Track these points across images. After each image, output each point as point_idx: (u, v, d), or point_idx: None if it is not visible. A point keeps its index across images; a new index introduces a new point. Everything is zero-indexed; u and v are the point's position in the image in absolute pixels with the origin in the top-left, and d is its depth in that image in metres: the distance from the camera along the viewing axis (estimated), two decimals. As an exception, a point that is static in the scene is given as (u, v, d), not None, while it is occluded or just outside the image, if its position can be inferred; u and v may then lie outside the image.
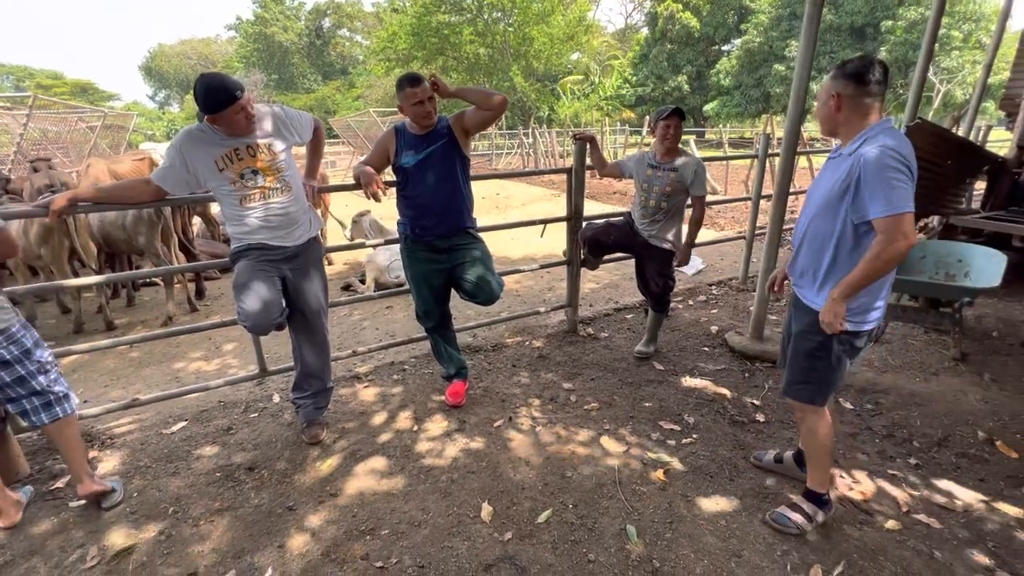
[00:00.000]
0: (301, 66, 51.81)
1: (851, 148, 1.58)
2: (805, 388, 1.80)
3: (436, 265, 2.53)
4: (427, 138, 2.38)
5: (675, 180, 2.84)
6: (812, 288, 1.75)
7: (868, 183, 1.47)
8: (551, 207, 9.71)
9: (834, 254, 1.65)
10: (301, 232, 2.24)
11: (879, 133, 1.52)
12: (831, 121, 1.63)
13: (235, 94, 1.89)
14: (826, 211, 1.64)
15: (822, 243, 1.68)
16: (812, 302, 1.73)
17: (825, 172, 1.70)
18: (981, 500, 2.04)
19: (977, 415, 2.57)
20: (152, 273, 2.75)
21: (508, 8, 28.16)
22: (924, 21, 22.26)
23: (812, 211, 1.71)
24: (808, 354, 1.76)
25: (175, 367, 3.41)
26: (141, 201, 2.17)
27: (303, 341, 2.37)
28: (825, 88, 1.61)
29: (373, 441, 2.43)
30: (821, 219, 1.66)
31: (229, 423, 2.62)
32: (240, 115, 1.93)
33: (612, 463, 2.25)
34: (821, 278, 1.70)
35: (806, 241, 1.75)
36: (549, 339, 3.57)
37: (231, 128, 1.97)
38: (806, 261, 1.76)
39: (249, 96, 1.96)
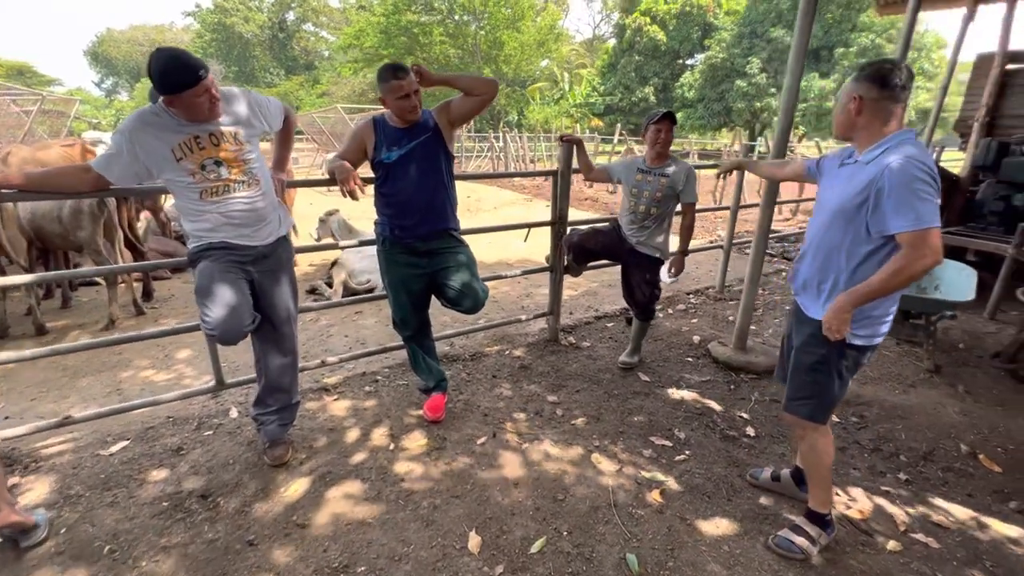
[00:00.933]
0: (263, 59, 49.99)
1: (869, 156, 1.51)
2: (806, 404, 1.72)
3: (416, 269, 2.35)
4: (410, 132, 2.20)
5: (666, 186, 2.76)
6: (816, 300, 1.67)
7: (893, 195, 1.39)
8: (523, 211, 9.61)
9: (844, 266, 1.58)
10: (270, 230, 2.01)
11: (902, 142, 1.46)
12: (849, 125, 1.56)
13: (198, 74, 1.65)
14: (839, 221, 1.56)
15: (830, 254, 1.60)
16: (815, 314, 1.66)
17: (837, 180, 1.63)
18: (972, 517, 2.03)
19: (958, 428, 2.59)
20: (94, 272, 2.41)
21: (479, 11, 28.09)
22: (874, 47, 23.63)
23: (823, 220, 1.63)
24: (810, 368, 1.69)
25: (118, 377, 3.06)
26: (78, 191, 1.89)
27: (269, 351, 2.13)
28: (846, 90, 1.55)
29: (345, 462, 2.21)
30: (832, 229, 1.59)
31: (179, 442, 2.34)
32: (203, 98, 1.70)
33: (606, 483, 2.12)
34: (828, 290, 1.63)
35: (812, 251, 1.68)
36: (530, 348, 3.42)
37: (191, 113, 1.73)
38: (811, 272, 1.68)
39: (213, 78, 1.73)
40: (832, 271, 1.60)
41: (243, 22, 48.09)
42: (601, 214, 9.16)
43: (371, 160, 2.25)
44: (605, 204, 10.11)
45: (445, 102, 2.30)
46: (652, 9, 30.63)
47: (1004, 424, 2.62)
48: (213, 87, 1.73)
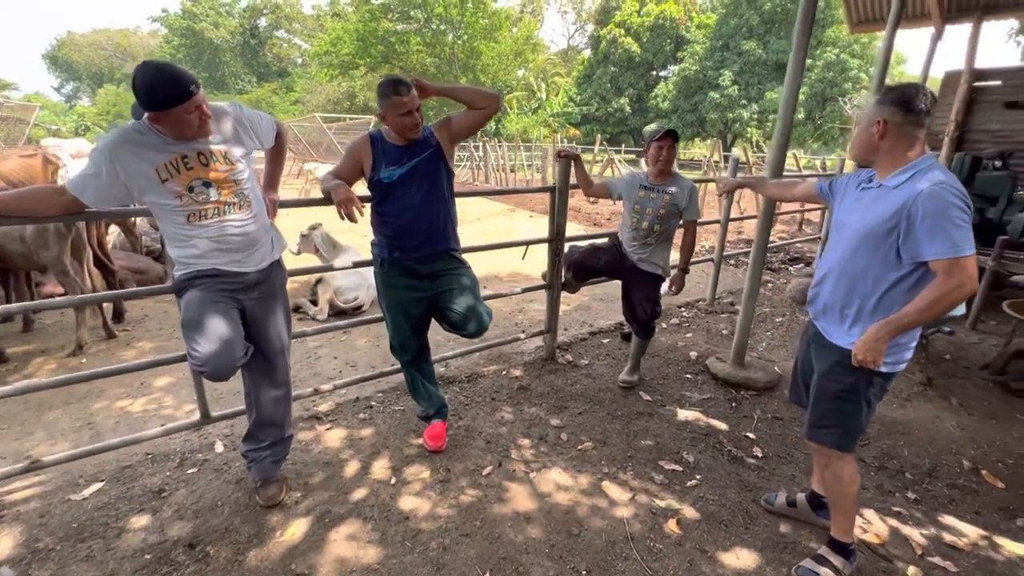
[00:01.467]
0: (234, 65, 48.94)
1: (896, 181, 1.48)
2: (833, 432, 1.68)
3: (417, 292, 2.24)
4: (410, 149, 2.10)
5: (669, 203, 2.73)
6: (840, 325, 1.64)
7: (927, 221, 1.37)
8: (507, 222, 9.55)
9: (870, 291, 1.54)
10: (263, 255, 1.88)
11: (930, 168, 1.44)
12: (871, 148, 1.54)
13: (189, 88, 1.53)
14: (866, 246, 1.53)
15: (855, 279, 1.57)
16: (840, 340, 1.62)
17: (860, 204, 1.59)
18: (983, 536, 2.02)
19: (958, 443, 2.61)
20: (61, 304, 2.17)
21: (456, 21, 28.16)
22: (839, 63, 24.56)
23: (847, 244, 1.59)
24: (836, 396, 1.65)
25: (89, 409, 2.84)
26: (48, 216, 1.73)
27: (261, 384, 1.99)
28: (869, 113, 1.52)
29: (345, 499, 2.08)
30: (857, 254, 1.56)
31: (160, 483, 2.16)
32: (193, 115, 1.57)
33: (620, 514, 2.04)
34: (852, 316, 1.60)
35: (834, 275, 1.64)
36: (527, 368, 3.34)
37: (179, 130, 1.60)
38: (833, 296, 1.64)
39: (204, 94, 1.61)
40: (857, 296, 1.57)
41: (213, 27, 47.06)
42: (586, 225, 9.17)
43: (368, 179, 2.15)
44: (588, 214, 10.14)
45: (446, 117, 2.22)
46: (626, 21, 31.27)
47: (1001, 438, 2.66)
48: (204, 103, 1.61)
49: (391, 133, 2.10)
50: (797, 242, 7.20)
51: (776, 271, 6.05)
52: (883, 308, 1.53)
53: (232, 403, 2.65)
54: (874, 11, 6.22)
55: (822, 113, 25.97)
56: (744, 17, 27.17)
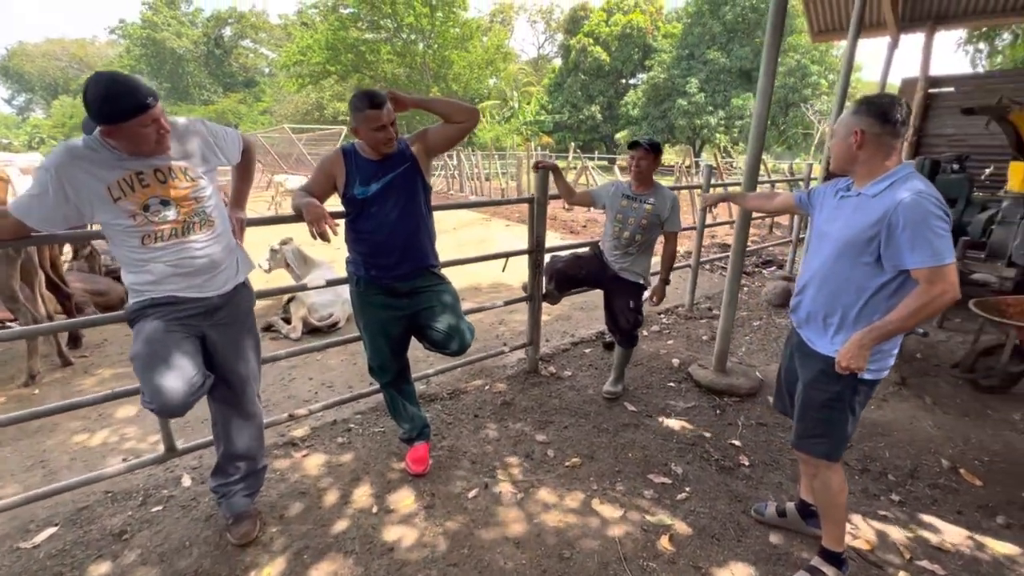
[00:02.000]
0: (198, 76, 47.78)
1: (875, 190, 1.49)
2: (821, 442, 1.67)
3: (396, 312, 2.16)
4: (384, 164, 2.03)
5: (651, 213, 2.72)
6: (823, 334, 1.63)
7: (908, 230, 1.37)
8: (483, 232, 9.50)
9: (854, 300, 1.54)
10: (226, 278, 1.77)
11: (908, 177, 1.45)
12: (850, 158, 1.54)
13: (145, 101, 1.43)
14: (846, 255, 1.53)
15: (838, 288, 1.57)
16: (824, 349, 1.62)
17: (840, 213, 1.60)
18: (967, 537, 2.05)
19: (936, 442, 2.66)
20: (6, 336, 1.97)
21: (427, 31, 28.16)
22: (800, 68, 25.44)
23: (827, 253, 1.59)
24: (822, 405, 1.65)
25: (43, 445, 2.64)
26: None
27: (229, 416, 1.87)
28: (846, 124, 1.52)
29: (325, 532, 1.97)
30: (839, 263, 1.56)
31: (121, 524, 2.01)
32: (149, 129, 1.47)
33: (611, 534, 1.99)
34: (836, 324, 1.59)
35: (816, 283, 1.64)
36: (510, 382, 3.27)
37: (135, 146, 1.50)
38: (816, 305, 1.64)
39: (162, 108, 1.51)
40: (840, 304, 1.57)
41: (175, 37, 45.92)
42: (562, 233, 9.19)
43: (342, 195, 2.06)
44: (564, 222, 10.18)
45: (422, 130, 2.15)
46: (595, 31, 31.82)
47: (975, 435, 2.72)
48: (162, 117, 1.51)
49: (365, 147, 2.02)
50: (769, 246, 7.35)
51: (750, 275, 6.15)
52: (866, 315, 1.53)
53: (201, 432, 2.51)
54: (834, 21, 6.45)
55: (785, 119, 26.87)
56: (708, 26, 27.98)
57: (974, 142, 5.60)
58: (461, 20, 29.01)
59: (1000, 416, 2.92)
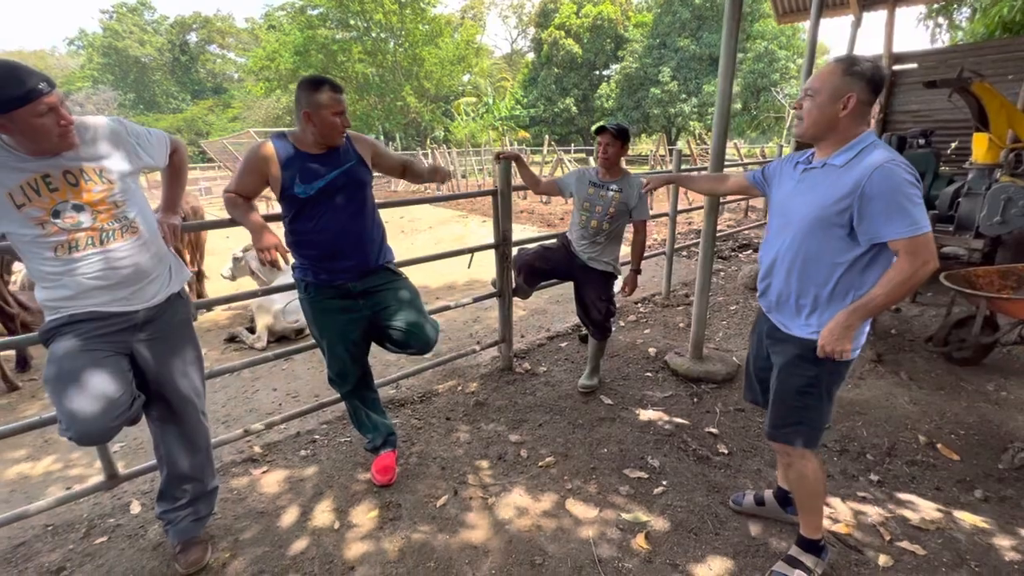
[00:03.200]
0: (164, 84, 46.55)
1: (841, 160, 1.39)
2: (798, 431, 1.58)
3: (352, 314, 2.04)
4: (328, 159, 1.89)
5: (619, 201, 2.63)
6: (796, 317, 1.54)
7: (883, 200, 1.29)
8: (460, 228, 9.37)
9: (826, 278, 1.45)
10: (156, 289, 1.63)
11: (874, 144, 1.37)
12: (829, 125, 1.40)
13: (37, 87, 1.30)
14: (817, 230, 1.43)
15: (808, 266, 1.47)
16: (799, 332, 1.53)
17: (803, 187, 1.49)
18: (945, 513, 2.01)
19: (912, 419, 2.64)
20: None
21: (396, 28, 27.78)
22: (768, 54, 25.71)
23: (794, 230, 1.49)
24: (799, 392, 1.55)
25: (-22, 478, 2.47)
26: None
27: (168, 437, 1.74)
28: (835, 86, 1.36)
29: (281, 555, 1.85)
30: (809, 239, 1.45)
31: (61, 559, 1.87)
32: (46, 119, 1.33)
33: (585, 534, 1.91)
34: (810, 305, 1.50)
35: (785, 264, 1.53)
36: (484, 381, 3.18)
37: (34, 140, 1.35)
38: (787, 286, 1.54)
39: (61, 96, 1.37)
40: (812, 283, 1.48)
41: (138, 45, 44.65)
42: (539, 226, 9.10)
43: (279, 194, 1.89)
44: (541, 216, 10.10)
45: (369, 141, 2.07)
46: (566, 24, 31.74)
47: (950, 408, 2.71)
48: (61, 106, 1.37)
49: (303, 139, 1.87)
50: (745, 229, 7.36)
51: (727, 259, 6.14)
52: (840, 293, 1.44)
53: (149, 455, 2.36)
54: (798, 2, 6.44)
55: (757, 103, 27.15)
56: (677, 14, 28.11)
57: (939, 117, 5.65)
58: (430, 16, 28.67)
59: (974, 388, 2.91)
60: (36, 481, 2.43)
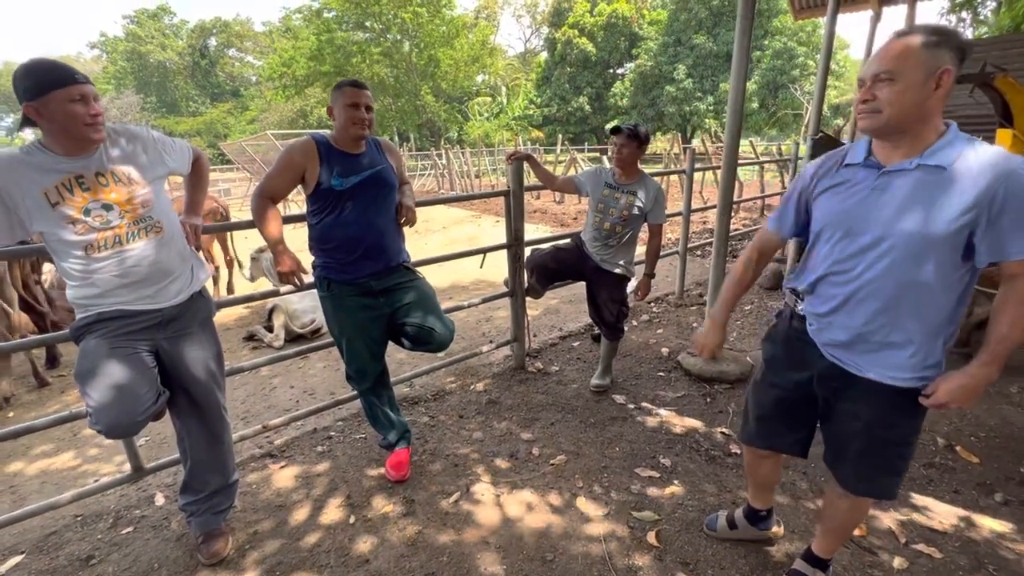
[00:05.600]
0: (185, 87, 47.55)
1: (946, 158, 1.11)
2: (896, 483, 1.38)
3: (373, 311, 2.09)
4: (362, 159, 1.98)
5: (633, 205, 2.62)
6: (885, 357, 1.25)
7: (1016, 211, 1.06)
8: (473, 229, 9.42)
9: (934, 309, 1.18)
10: (179, 287, 1.69)
11: (968, 137, 1.13)
12: (919, 111, 1.11)
13: (74, 75, 1.40)
14: (930, 252, 1.14)
15: (919, 297, 1.18)
16: (887, 376, 1.25)
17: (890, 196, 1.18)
18: (963, 516, 1.98)
19: (930, 419, 2.59)
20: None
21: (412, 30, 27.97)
22: (787, 51, 25.30)
23: (896, 253, 1.18)
24: (898, 443, 1.34)
25: (9, 471, 2.57)
26: None
27: (192, 431, 1.80)
28: (922, 62, 1.08)
29: (297, 547, 1.90)
30: (918, 263, 1.15)
31: (90, 548, 1.94)
32: (78, 106, 1.40)
33: (596, 532, 1.92)
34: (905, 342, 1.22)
35: (880, 296, 1.22)
36: (496, 379, 3.20)
37: (66, 128, 1.42)
38: (874, 322, 1.24)
39: (96, 93, 1.46)
40: (915, 318, 1.20)
41: (160, 49, 45.70)
42: (552, 226, 9.11)
43: (313, 187, 1.94)
44: (554, 215, 10.09)
45: (398, 156, 2.18)
46: (579, 22, 31.62)
47: (971, 411, 2.65)
48: (94, 99, 1.45)
49: (339, 140, 1.96)
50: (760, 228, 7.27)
51: (742, 259, 6.07)
52: (938, 325, 1.20)
53: (173, 449, 2.43)
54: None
55: (775, 101, 26.74)
56: (693, 11, 27.82)
57: (961, 112, 5.51)
58: (447, 18, 28.82)
59: (995, 390, 2.85)
60: (65, 473, 2.53)
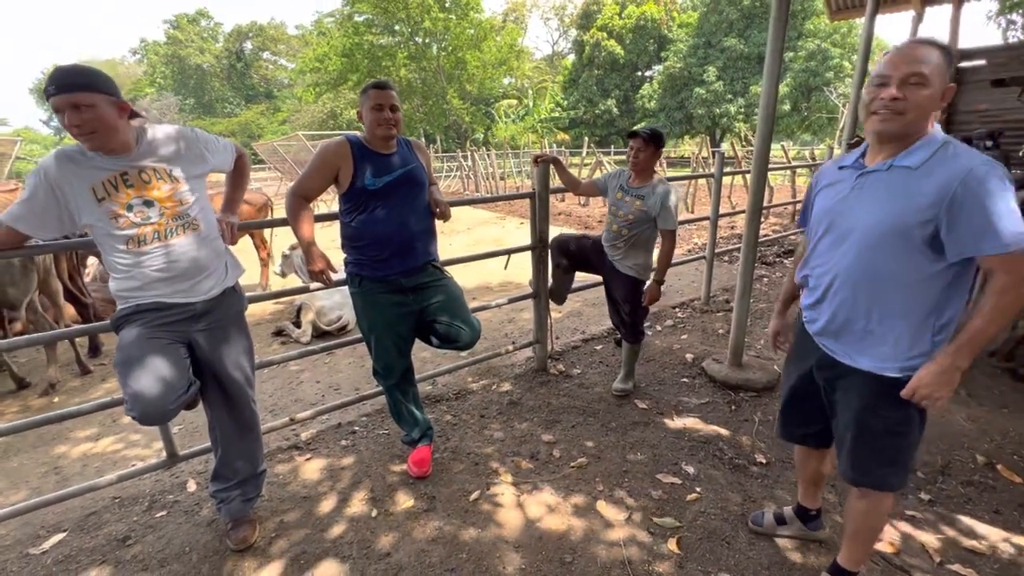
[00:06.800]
0: (221, 90, 49.14)
1: (915, 160, 1.22)
2: (892, 472, 1.40)
3: (403, 308, 2.13)
4: (394, 159, 2.03)
5: (639, 209, 2.61)
6: (867, 346, 1.34)
7: (981, 209, 1.12)
8: (497, 230, 9.46)
9: (905, 298, 1.26)
10: (213, 283, 1.75)
11: (949, 141, 1.21)
12: (926, 119, 1.22)
13: (60, 86, 1.41)
14: (893, 244, 1.24)
15: (881, 286, 1.28)
16: (871, 364, 1.33)
17: (865, 193, 1.30)
18: (1004, 538, 1.89)
19: (969, 437, 2.49)
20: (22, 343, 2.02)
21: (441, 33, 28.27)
22: (820, 52, 24.63)
23: (861, 244, 1.29)
24: (890, 432, 1.36)
25: (55, 453, 2.71)
26: None
27: (222, 421, 1.86)
28: (941, 72, 1.17)
29: (322, 537, 1.94)
30: (880, 254, 1.26)
31: (127, 529, 2.03)
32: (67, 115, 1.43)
33: (616, 537, 1.91)
34: (884, 332, 1.30)
35: (849, 285, 1.33)
36: (518, 380, 3.21)
37: (68, 126, 1.47)
38: (853, 311, 1.34)
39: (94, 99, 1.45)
40: (886, 306, 1.29)
41: (198, 53, 47.33)
42: (576, 228, 9.07)
43: (347, 186, 1.99)
44: (579, 218, 10.05)
45: (428, 157, 2.23)
46: (608, 24, 31.44)
47: (1014, 428, 2.54)
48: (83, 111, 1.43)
49: (371, 139, 2.01)
50: (791, 234, 7.10)
51: (771, 265, 5.94)
52: (920, 316, 1.26)
53: (206, 437, 2.52)
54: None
55: (808, 103, 26.05)
56: (724, 13, 27.35)
57: (1008, 117, 5.28)
58: (476, 22, 29.05)
59: (1042, 408, 2.72)
60: (105, 457, 2.65)
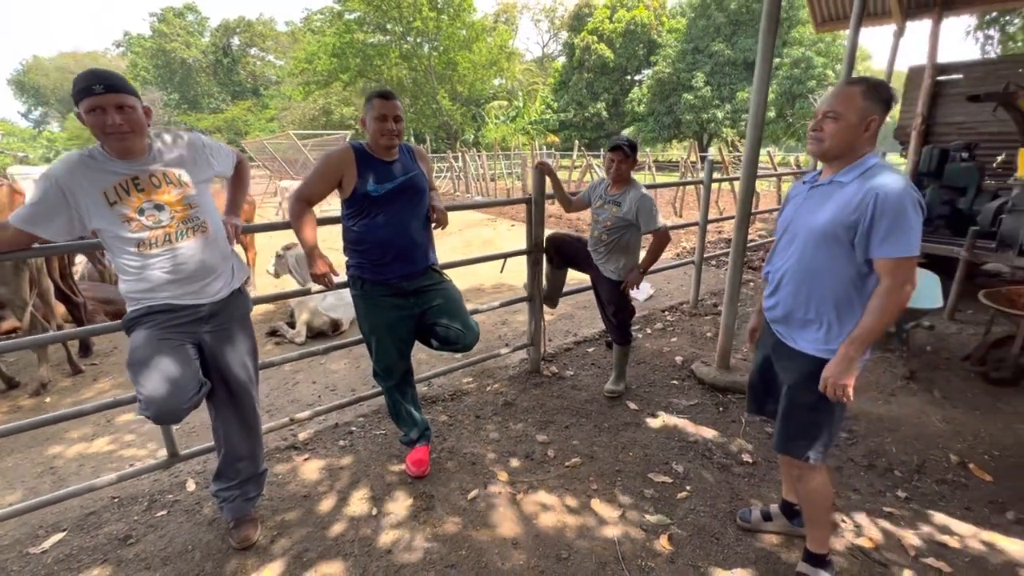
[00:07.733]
0: (207, 85, 48.44)
1: (848, 177, 1.45)
2: (810, 444, 1.59)
3: (404, 311, 2.18)
4: (396, 166, 2.09)
5: (615, 215, 2.71)
6: (804, 331, 1.57)
7: (886, 220, 1.34)
8: (489, 231, 9.51)
9: (834, 291, 1.49)
10: (220, 285, 1.79)
11: (881, 165, 1.42)
12: (850, 145, 1.44)
13: (90, 87, 1.47)
14: (825, 244, 1.47)
15: (817, 280, 1.51)
16: (808, 347, 1.55)
17: (811, 202, 1.54)
18: (974, 533, 2.00)
19: (944, 437, 2.61)
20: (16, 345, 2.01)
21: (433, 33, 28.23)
22: (805, 60, 25.09)
23: (803, 244, 1.53)
24: (811, 407, 1.57)
25: (51, 452, 2.70)
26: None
27: (227, 420, 1.90)
28: (860, 108, 1.40)
29: (323, 536, 1.99)
30: (815, 252, 1.50)
31: (127, 528, 2.05)
32: (96, 116, 1.49)
33: (610, 534, 1.98)
34: (817, 319, 1.53)
35: (793, 278, 1.57)
36: (512, 382, 3.27)
37: (95, 134, 1.52)
38: (795, 300, 1.57)
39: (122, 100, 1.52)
40: (819, 297, 1.51)
41: (184, 47, 46.61)
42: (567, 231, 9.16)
43: (350, 192, 2.05)
44: (569, 221, 10.15)
45: (429, 164, 2.29)
46: (599, 28, 31.67)
47: (985, 429, 2.67)
48: (119, 112, 1.50)
49: (374, 147, 2.06)
50: (776, 239, 7.26)
51: (757, 269, 6.07)
52: (846, 307, 1.48)
53: (205, 438, 2.54)
54: (837, 10, 6.35)
55: (792, 110, 26.54)
56: (712, 19, 27.72)
57: (984, 130, 5.48)
58: (468, 22, 29.06)
59: (1012, 409, 2.85)
60: (101, 457, 2.65)
